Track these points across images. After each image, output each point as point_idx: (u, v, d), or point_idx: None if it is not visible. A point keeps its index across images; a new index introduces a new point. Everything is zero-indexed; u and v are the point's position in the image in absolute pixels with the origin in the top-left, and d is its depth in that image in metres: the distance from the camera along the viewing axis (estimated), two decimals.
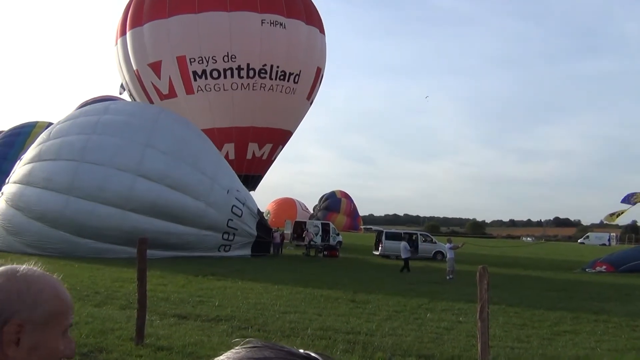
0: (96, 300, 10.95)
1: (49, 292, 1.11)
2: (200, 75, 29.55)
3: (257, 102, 30.24)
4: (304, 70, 31.27)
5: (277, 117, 31.26)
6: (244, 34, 29.02)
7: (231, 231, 23.03)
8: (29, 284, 1.09)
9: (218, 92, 29.81)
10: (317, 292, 13.85)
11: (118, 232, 20.33)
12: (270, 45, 29.43)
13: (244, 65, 29.59)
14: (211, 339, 8.07)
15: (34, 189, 21.21)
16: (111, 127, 22.29)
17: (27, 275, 1.10)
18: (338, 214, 67.69)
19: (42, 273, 1.14)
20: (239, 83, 29.85)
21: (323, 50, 33.49)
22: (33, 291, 1.08)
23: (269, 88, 30.39)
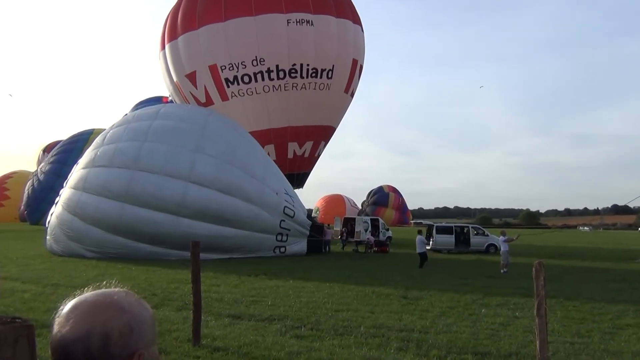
0: (153, 302, 11.24)
1: (145, 313, 1.15)
2: (232, 81, 30.38)
3: (290, 102, 30.54)
4: (337, 64, 31.25)
5: (314, 114, 31.37)
6: (270, 37, 29.53)
7: (284, 232, 23.22)
8: (134, 313, 1.12)
9: (251, 96, 30.48)
10: (368, 289, 13.81)
11: (173, 237, 20.77)
12: (298, 44, 29.71)
13: (273, 68, 30.06)
14: (265, 339, 8.16)
15: (91, 196, 21.86)
16: (162, 134, 22.73)
17: (131, 305, 1.13)
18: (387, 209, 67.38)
19: (131, 295, 1.17)
20: (271, 85, 30.32)
21: (358, 41, 33.18)
22: (139, 320, 1.12)
23: (302, 87, 30.63)
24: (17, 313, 10.07)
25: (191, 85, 31.42)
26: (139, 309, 1.14)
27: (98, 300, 1.11)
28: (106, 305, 1.10)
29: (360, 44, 33.53)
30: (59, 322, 1.10)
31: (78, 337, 1.06)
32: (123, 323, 1.09)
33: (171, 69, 31.98)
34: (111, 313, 1.09)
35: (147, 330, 1.13)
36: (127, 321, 1.10)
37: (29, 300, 11.60)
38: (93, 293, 1.14)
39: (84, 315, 1.09)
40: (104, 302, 1.11)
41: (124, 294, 1.15)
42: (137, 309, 1.14)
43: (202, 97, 31.32)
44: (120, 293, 1.15)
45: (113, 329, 1.08)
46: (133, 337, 1.10)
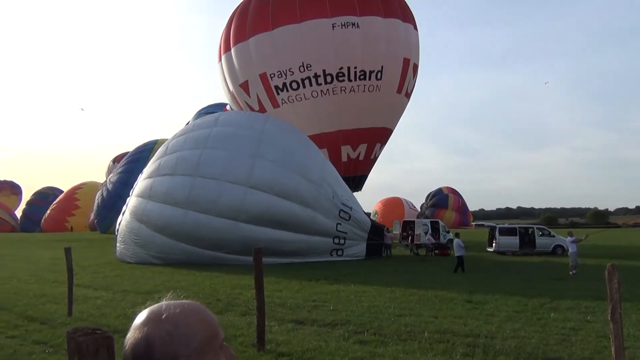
0: (218, 308, 11.48)
1: (195, 323, 1.19)
2: (282, 88, 31.02)
3: (340, 105, 30.62)
4: (386, 65, 31.03)
5: (365, 117, 31.25)
6: (315, 42, 29.92)
7: (341, 235, 23.22)
8: (176, 322, 1.17)
9: (300, 102, 30.90)
10: (430, 293, 13.61)
11: (233, 242, 21.19)
12: (344, 48, 29.81)
13: (320, 72, 30.34)
14: (329, 344, 8.17)
15: (156, 204, 22.63)
16: (221, 141, 23.28)
17: (170, 315, 1.18)
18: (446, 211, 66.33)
19: (183, 306, 1.21)
20: (318, 90, 30.58)
21: (410, 40, 32.74)
22: (182, 328, 1.16)
23: (350, 90, 30.67)
24: (90, 319, 10.52)
25: (245, 94, 32.34)
26: (184, 319, 1.18)
27: (149, 311, 1.20)
28: (153, 316, 1.18)
29: (412, 43, 33.06)
30: (128, 333, 1.19)
31: (129, 345, 1.15)
32: (164, 331, 1.15)
33: (227, 79, 33.11)
34: (155, 322, 1.16)
35: (191, 338, 1.17)
36: (168, 329, 1.16)
37: (101, 306, 12.08)
38: (153, 306, 1.22)
39: (135, 326, 1.18)
40: (151, 313, 1.19)
41: (174, 306, 1.20)
42: (182, 318, 1.18)
43: (255, 105, 32.14)
44: (171, 304, 1.21)
45: (155, 337, 1.14)
46: (173, 345, 1.15)
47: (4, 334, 9.24)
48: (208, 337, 1.19)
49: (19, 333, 9.33)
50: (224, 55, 33.08)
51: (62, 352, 7.83)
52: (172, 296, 1.26)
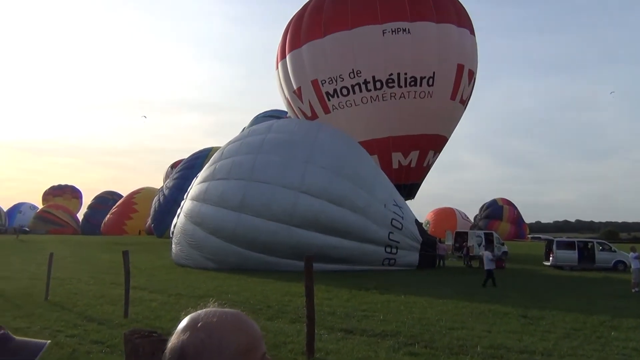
0: (268, 314, 11.56)
1: (230, 333, 1.17)
2: (332, 94, 31.38)
3: (389, 112, 30.48)
4: (438, 71, 30.59)
5: (416, 123, 30.89)
6: (365, 49, 30.01)
7: (393, 244, 23.02)
8: (210, 332, 1.17)
9: (350, 108, 31.10)
10: (484, 307, 13.28)
11: (284, 246, 21.40)
12: (395, 54, 29.67)
13: (369, 79, 30.39)
14: (378, 355, 8.09)
15: (210, 207, 23.16)
16: (275, 147, 23.67)
17: (206, 324, 1.18)
18: (501, 222, 64.77)
19: (221, 315, 1.20)
20: (368, 96, 30.63)
21: (465, 45, 32.12)
22: (215, 338, 1.16)
23: (400, 96, 30.48)
24: (145, 321, 10.79)
25: (298, 100, 32.94)
26: (219, 328, 1.18)
27: (188, 319, 1.21)
28: (190, 323, 1.19)
29: (467, 48, 32.42)
30: None
31: (168, 351, 1.17)
32: (198, 339, 1.16)
33: (283, 86, 33.88)
34: (190, 330, 1.17)
35: (223, 349, 1.15)
36: (202, 338, 1.16)
37: (155, 309, 12.38)
38: (193, 313, 1.23)
39: (176, 332, 1.19)
40: (190, 320, 1.20)
41: (212, 314, 1.20)
42: (217, 327, 1.18)
43: (308, 111, 32.68)
44: (210, 313, 1.20)
45: (189, 345, 1.15)
46: (204, 354, 1.15)
47: (64, 333, 9.60)
48: (243, 349, 1.17)
49: (78, 332, 9.67)
50: (280, 62, 33.88)
51: (118, 352, 8.06)
52: (215, 304, 1.27)
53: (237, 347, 1.16)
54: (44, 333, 9.51)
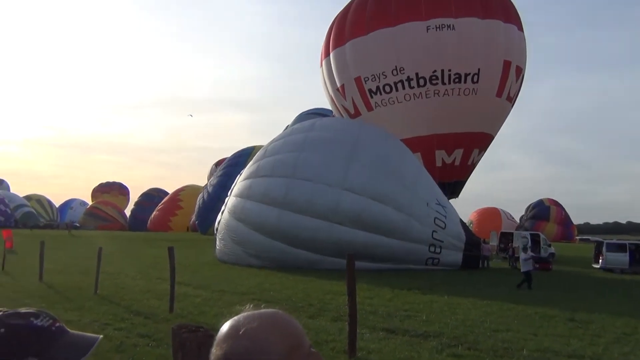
0: (310, 312, 11.60)
1: (273, 336, 1.17)
2: (375, 91, 31.29)
3: (433, 109, 30.10)
4: (484, 67, 29.98)
5: (461, 121, 30.38)
6: (409, 45, 29.76)
7: (437, 243, 22.76)
8: (253, 337, 1.15)
9: (393, 105, 30.90)
10: (529, 309, 12.97)
11: (327, 244, 21.43)
12: (438, 51, 29.26)
13: (412, 76, 30.13)
14: (421, 356, 8.01)
15: (253, 203, 23.46)
16: (317, 145, 23.79)
17: (248, 330, 1.17)
18: (548, 223, 63.24)
19: (261, 318, 1.20)
20: (411, 93, 30.32)
21: (512, 41, 31.32)
22: (259, 343, 1.15)
23: (444, 93, 30.07)
24: (189, 316, 10.99)
25: (342, 98, 33.00)
26: (262, 333, 1.17)
27: (229, 326, 1.20)
28: (231, 331, 1.18)
29: (515, 45, 31.64)
30: (215, 342, 1.20)
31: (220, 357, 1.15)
32: (242, 347, 1.15)
33: (327, 83, 34.02)
34: (232, 339, 1.16)
35: (269, 353, 1.14)
36: (245, 345, 1.15)
37: (199, 304, 12.59)
38: (242, 316, 1.22)
39: (217, 342, 1.18)
40: (230, 328, 1.19)
41: (252, 319, 1.19)
42: (259, 332, 1.17)
43: (351, 108, 32.73)
44: (249, 317, 1.20)
45: (232, 354, 1.14)
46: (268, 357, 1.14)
47: (112, 326, 9.87)
48: (289, 349, 1.17)
49: (125, 326, 9.92)
50: (324, 60, 34.07)
51: (164, 346, 8.23)
52: (252, 305, 1.26)
53: (282, 348, 1.16)
54: (93, 325, 9.80)
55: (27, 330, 1.29)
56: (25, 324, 1.30)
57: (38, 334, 1.30)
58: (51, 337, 1.31)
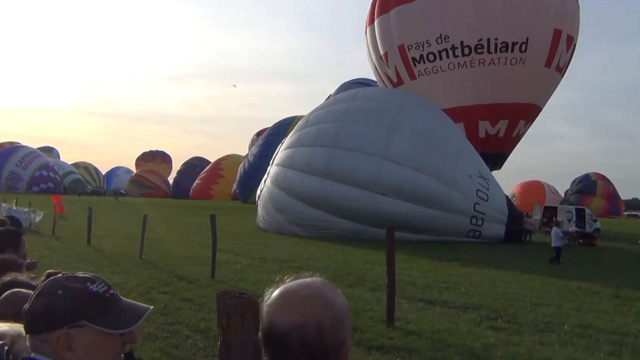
0: (349, 281, 11.69)
1: (347, 307, 1.20)
2: (419, 60, 30.80)
3: (478, 78, 29.35)
4: (532, 36, 28.87)
5: (507, 91, 29.51)
6: (453, 13, 29.05)
7: (479, 215, 22.46)
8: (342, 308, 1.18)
9: (437, 74, 30.36)
10: (572, 285, 12.74)
11: (367, 213, 21.41)
12: (485, 19, 28.39)
13: (457, 44, 29.48)
14: (459, 327, 7.99)
15: (296, 172, 23.59)
16: (360, 114, 23.61)
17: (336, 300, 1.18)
18: (594, 198, 61.50)
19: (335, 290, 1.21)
20: (455, 62, 29.66)
21: (564, 9, 30.04)
22: (345, 313, 1.18)
23: (489, 62, 29.23)
24: (230, 282, 11.23)
25: (385, 66, 32.67)
26: (342, 302, 1.19)
27: (308, 293, 1.17)
28: (317, 299, 1.16)
29: (567, 12, 30.31)
30: (271, 311, 1.17)
31: (293, 328, 1.12)
32: (333, 315, 1.15)
33: (370, 52, 33.72)
34: (322, 306, 1.15)
35: (349, 321, 1.19)
36: (336, 314, 1.16)
37: (240, 271, 12.85)
38: (300, 284, 1.20)
39: (297, 306, 1.14)
40: (313, 295, 1.17)
41: (328, 287, 1.20)
42: (341, 301, 1.19)
43: (394, 77, 32.37)
44: (325, 285, 1.20)
45: (325, 321, 1.13)
46: (342, 328, 1.16)
47: (157, 290, 10.19)
48: (348, 317, 1.20)
49: (169, 290, 10.23)
50: (368, 27, 33.65)
51: (205, 310, 8.46)
52: (294, 276, 1.26)
53: (347, 313, 1.19)
54: (138, 289, 10.14)
55: (84, 294, 1.34)
56: (82, 288, 1.35)
57: (93, 299, 1.34)
58: (105, 303, 1.36)
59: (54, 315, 1.30)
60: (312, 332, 1.12)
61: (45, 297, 1.32)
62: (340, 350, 1.15)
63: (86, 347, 1.31)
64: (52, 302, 1.31)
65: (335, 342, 1.14)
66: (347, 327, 1.18)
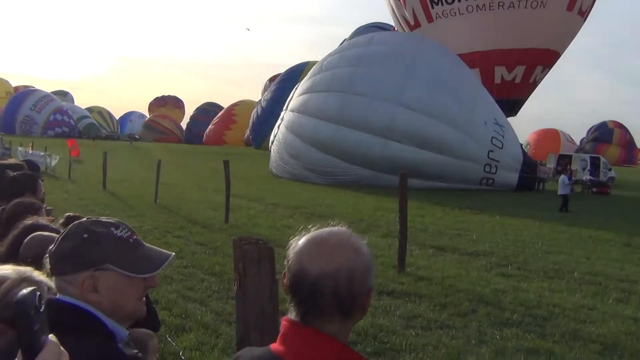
0: (360, 228, 11.81)
1: (368, 253, 1.22)
2: (437, 2, 30.21)
3: (496, 22, 28.60)
4: None
5: (525, 36, 28.76)
6: None
7: (493, 163, 22.36)
8: (369, 256, 1.21)
9: (454, 17, 29.68)
10: (584, 233, 12.79)
11: (380, 160, 21.40)
12: None
13: None
14: (469, 273, 8.11)
15: (310, 118, 23.51)
16: (375, 59, 23.24)
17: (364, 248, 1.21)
18: (610, 146, 60.76)
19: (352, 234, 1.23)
20: (474, 5, 28.90)
21: None
22: (372, 262, 1.21)
23: (509, 5, 28.42)
24: (244, 227, 11.40)
25: (402, 7, 32.07)
26: (369, 250, 1.22)
27: (339, 241, 1.19)
28: (348, 247, 1.18)
29: None
30: (302, 258, 1.18)
31: (326, 274, 1.14)
32: (363, 263, 1.18)
33: None
34: (352, 254, 1.18)
35: (374, 270, 1.21)
36: (365, 262, 1.19)
37: (253, 216, 13.02)
38: (329, 232, 1.21)
39: (329, 254, 1.16)
40: (344, 243, 1.18)
41: (354, 236, 1.22)
42: (368, 250, 1.21)
43: (411, 19, 31.77)
44: (352, 234, 1.22)
45: (356, 269, 1.16)
46: (369, 276, 1.19)
47: (172, 234, 10.39)
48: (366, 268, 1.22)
49: (183, 234, 10.42)
50: None
51: (220, 254, 8.63)
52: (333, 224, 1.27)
53: (373, 257, 1.22)
54: (154, 232, 10.34)
55: (108, 238, 1.38)
56: (107, 232, 1.39)
57: (117, 243, 1.38)
58: (129, 248, 1.40)
59: (80, 258, 1.34)
60: (344, 279, 1.14)
61: (71, 240, 1.36)
62: (366, 298, 1.18)
63: (110, 289, 1.36)
64: (79, 245, 1.34)
65: (363, 289, 1.17)
66: (373, 276, 1.21)
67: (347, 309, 1.16)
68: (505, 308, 6.41)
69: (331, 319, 1.16)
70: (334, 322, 1.16)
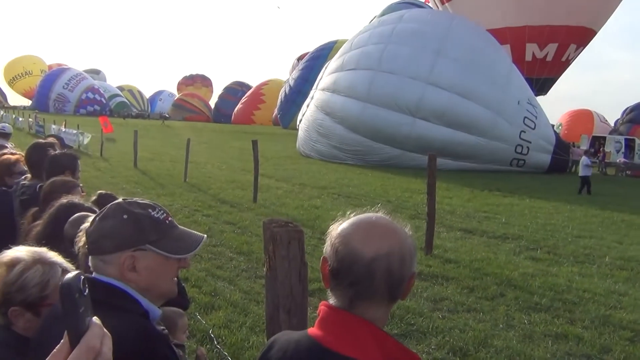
0: (387, 209, 11.56)
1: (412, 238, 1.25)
2: None
3: None
4: None
5: (558, 12, 27.86)
6: None
7: (524, 144, 21.96)
8: (414, 243, 1.24)
9: None
10: (616, 217, 12.55)
11: (408, 139, 21.24)
12: None
13: None
14: (498, 257, 8.04)
15: (339, 97, 23.41)
16: (405, 36, 22.93)
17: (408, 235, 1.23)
18: None
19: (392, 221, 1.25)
20: None
21: None
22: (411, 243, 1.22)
23: None
24: (272, 207, 11.48)
25: None
26: (412, 235, 1.24)
27: (387, 224, 1.22)
28: (397, 230, 1.21)
29: None
30: (352, 241, 1.18)
31: (380, 256, 1.16)
32: (410, 246, 1.21)
33: None
34: (402, 238, 1.20)
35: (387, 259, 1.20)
36: (412, 245, 1.22)
37: (281, 196, 13.09)
38: (376, 217, 1.24)
39: (381, 236, 1.18)
40: (392, 226, 1.22)
41: (396, 221, 1.25)
42: (411, 235, 1.24)
43: None
44: (394, 220, 1.25)
45: (405, 252, 1.19)
46: (414, 260, 1.22)
47: (201, 212, 10.52)
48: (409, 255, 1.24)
49: (212, 213, 10.55)
50: None
51: (247, 233, 8.72)
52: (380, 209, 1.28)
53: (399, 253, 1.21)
54: (184, 211, 10.50)
55: (146, 219, 1.42)
56: (144, 214, 1.43)
57: (154, 224, 1.43)
58: (165, 229, 1.44)
59: (121, 238, 1.38)
60: (396, 261, 1.16)
61: (111, 219, 1.40)
62: (410, 280, 1.21)
63: (148, 269, 1.40)
64: (119, 225, 1.38)
65: (409, 271, 1.20)
66: (416, 259, 1.23)
67: (395, 292, 1.19)
68: (534, 292, 6.35)
69: (379, 302, 1.19)
70: (381, 306, 1.19)
